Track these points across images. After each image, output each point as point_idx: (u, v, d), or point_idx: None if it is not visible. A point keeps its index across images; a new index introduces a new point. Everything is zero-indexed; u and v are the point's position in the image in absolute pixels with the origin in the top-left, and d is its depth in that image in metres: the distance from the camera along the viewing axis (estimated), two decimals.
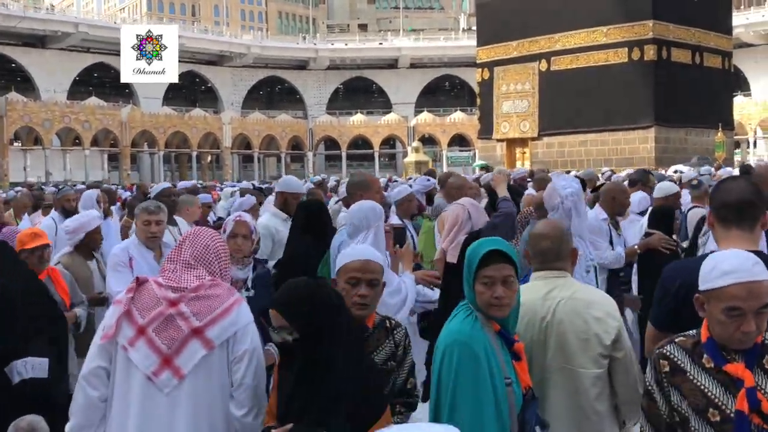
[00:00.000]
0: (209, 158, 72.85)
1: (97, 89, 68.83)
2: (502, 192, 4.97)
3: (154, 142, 64.95)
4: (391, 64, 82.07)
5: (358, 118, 76.70)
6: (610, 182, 7.86)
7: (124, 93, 70.71)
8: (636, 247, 5.79)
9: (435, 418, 2.62)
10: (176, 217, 7.08)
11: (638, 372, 3.05)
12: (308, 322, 2.50)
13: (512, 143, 39.23)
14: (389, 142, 78.26)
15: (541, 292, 3.07)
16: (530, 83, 38.05)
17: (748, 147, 65.21)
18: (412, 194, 6.81)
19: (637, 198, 7.51)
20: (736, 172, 12.79)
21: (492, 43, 39.87)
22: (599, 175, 14.92)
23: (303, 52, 79.70)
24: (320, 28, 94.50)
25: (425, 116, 76.32)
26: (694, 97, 34.53)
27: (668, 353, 2.34)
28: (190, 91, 78.91)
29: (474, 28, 52.84)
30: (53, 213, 7.95)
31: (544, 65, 37.37)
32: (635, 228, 7.02)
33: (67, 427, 2.83)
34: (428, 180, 8.40)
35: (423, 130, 74.27)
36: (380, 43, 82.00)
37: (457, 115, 75.39)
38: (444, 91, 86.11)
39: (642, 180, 9.02)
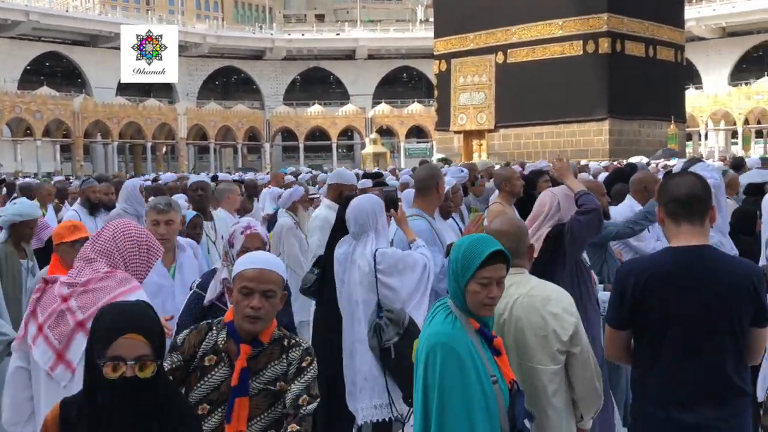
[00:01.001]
0: (164, 149, 71.88)
1: (48, 79, 67.33)
2: (577, 185, 4.43)
3: (108, 133, 63.83)
4: (349, 55, 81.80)
5: (316, 109, 76.35)
6: (642, 171, 7.32)
7: (77, 83, 69.36)
8: None
9: (424, 421, 2.61)
10: (219, 209, 6.92)
11: (595, 366, 3.08)
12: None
13: (469, 135, 39.44)
14: (347, 133, 78.06)
15: None
16: (487, 75, 38.26)
17: (700, 139, 66.51)
18: (456, 185, 6.45)
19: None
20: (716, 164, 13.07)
21: (449, 35, 39.99)
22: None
23: (259, 42, 78.97)
24: (277, 18, 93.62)
25: (383, 108, 76.28)
26: (648, 89, 35.09)
27: None
28: None
29: (431, 19, 52.92)
30: (76, 205, 7.89)
31: (500, 57, 37.61)
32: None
33: (2, 420, 3.01)
34: (462, 171, 8.08)
35: (381, 121, 74.22)
36: (337, 34, 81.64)
37: (415, 107, 75.50)
38: (402, 82, 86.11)
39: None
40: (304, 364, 2.68)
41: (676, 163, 13.50)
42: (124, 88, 71.27)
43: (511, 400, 2.61)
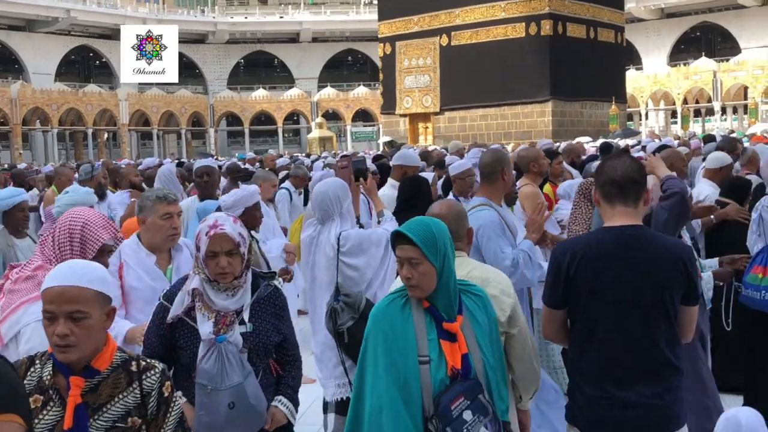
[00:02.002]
0: (105, 136, 70.40)
1: None
2: (664, 170, 4.21)
3: (47, 120, 62.18)
4: (293, 38, 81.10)
5: (261, 93, 75.57)
6: (669, 149, 7.11)
7: (14, 68, 67.38)
8: (712, 217, 5.65)
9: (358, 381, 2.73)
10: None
11: (533, 346, 3.13)
12: None
13: (415, 118, 39.54)
14: (293, 117, 77.49)
15: None
16: (431, 58, 38.34)
17: (641, 119, 67.78)
18: (471, 169, 6.34)
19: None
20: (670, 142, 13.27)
21: (394, 17, 39.93)
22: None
23: (202, 26, 77.75)
24: (219, 2, 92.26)
25: (328, 91, 75.87)
26: (589, 71, 35.60)
27: None
28: (83, 66, 75.88)
29: (376, 2, 52.79)
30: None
31: (444, 40, 37.70)
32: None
33: None
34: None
35: (327, 105, 73.86)
36: (281, 17, 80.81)
37: (361, 90, 75.28)
38: (347, 65, 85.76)
39: (728, 147, 8.46)
40: (166, 394, 2.27)
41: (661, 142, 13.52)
42: (63, 74, 69.53)
43: (445, 387, 2.60)
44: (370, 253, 4.26)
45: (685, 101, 65.53)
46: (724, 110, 64.74)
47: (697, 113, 67.89)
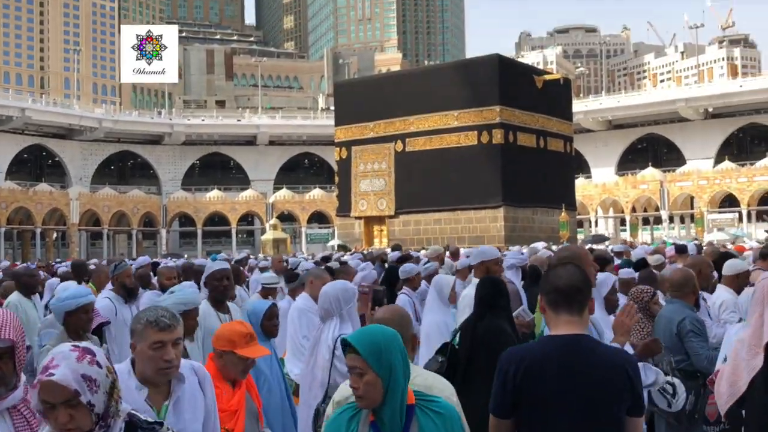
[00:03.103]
0: (54, 235, 69.27)
1: None
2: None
3: None
4: (250, 141, 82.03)
5: (215, 194, 75.65)
6: (696, 256, 7.09)
7: None
8: None
9: None
10: (301, 295, 6.32)
11: None
12: None
13: (370, 221, 39.69)
14: (247, 218, 77.51)
15: None
16: (387, 163, 38.85)
17: (590, 226, 69.18)
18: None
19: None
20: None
21: (349, 123, 40.62)
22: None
23: (158, 127, 78.29)
24: (176, 103, 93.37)
25: (284, 193, 76.36)
26: (540, 178, 36.36)
27: None
28: (35, 165, 75.41)
29: (333, 108, 53.75)
30: (108, 291, 7.06)
31: (399, 146, 38.34)
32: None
33: None
34: (522, 253, 7.96)
35: (282, 206, 74.15)
36: (238, 120, 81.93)
37: (316, 192, 75.92)
38: (303, 168, 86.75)
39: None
40: None
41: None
42: (14, 172, 68.86)
43: None
44: None
45: (633, 209, 67.28)
46: (671, 219, 66.54)
47: (646, 221, 69.60)
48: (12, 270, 12.72)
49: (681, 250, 11.33)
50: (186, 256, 34.53)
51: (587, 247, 16.84)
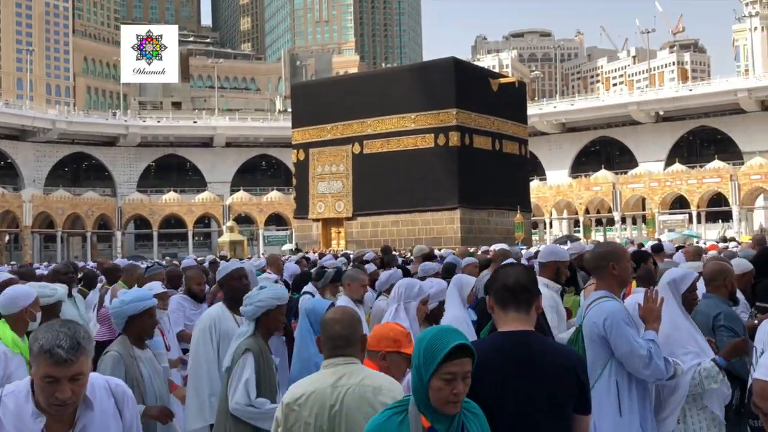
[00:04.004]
0: (6, 238, 67.97)
1: None
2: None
3: None
4: (206, 143, 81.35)
5: (171, 196, 74.92)
6: (717, 263, 6.85)
7: None
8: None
9: None
10: (340, 296, 6.25)
11: None
12: None
13: (328, 223, 39.75)
14: (204, 220, 76.89)
15: (330, 381, 3.07)
16: (344, 165, 38.96)
17: (545, 227, 70.14)
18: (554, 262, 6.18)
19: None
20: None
21: (307, 125, 40.61)
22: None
23: (113, 128, 77.20)
24: (132, 105, 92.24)
25: (241, 195, 75.92)
26: (495, 180, 36.80)
27: None
28: None
29: (290, 109, 53.64)
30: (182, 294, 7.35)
31: (357, 148, 38.47)
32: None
33: None
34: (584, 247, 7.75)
35: (239, 209, 73.73)
36: (195, 122, 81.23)
37: (274, 195, 75.65)
38: (260, 170, 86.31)
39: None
40: None
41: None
42: None
43: None
44: None
45: (586, 211, 68.38)
46: (623, 220, 67.77)
47: (599, 222, 70.79)
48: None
49: (657, 249, 11.18)
50: (148, 259, 34.26)
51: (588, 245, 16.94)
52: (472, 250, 16.32)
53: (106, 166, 79.39)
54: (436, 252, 14.83)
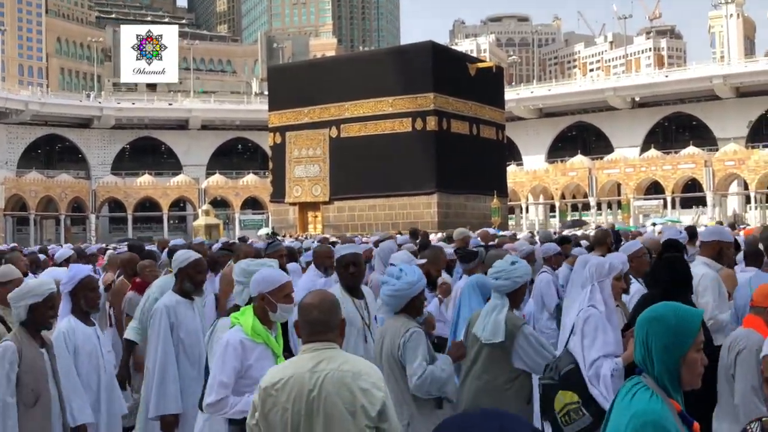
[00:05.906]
0: None
1: None
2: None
3: None
4: (182, 125, 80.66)
5: (146, 179, 74.28)
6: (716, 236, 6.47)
7: None
8: None
9: None
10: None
11: None
12: None
13: (304, 207, 39.62)
14: (179, 204, 76.36)
15: (308, 365, 3.03)
16: (321, 149, 38.81)
17: (522, 212, 70.47)
18: (643, 248, 6.19)
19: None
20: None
21: (284, 108, 40.38)
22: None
23: (86, 110, 76.24)
24: (106, 86, 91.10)
25: (217, 178, 75.46)
26: (472, 165, 36.86)
27: None
28: None
29: (267, 92, 53.25)
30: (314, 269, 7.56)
31: (334, 132, 38.33)
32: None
33: None
34: (681, 233, 7.70)
35: (215, 192, 73.30)
36: (170, 104, 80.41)
37: (250, 178, 75.27)
38: (237, 153, 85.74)
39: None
40: None
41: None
42: None
43: None
44: None
45: (563, 196, 68.79)
46: (599, 205, 68.25)
47: (575, 208, 71.23)
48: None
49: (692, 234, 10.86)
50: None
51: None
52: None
53: (79, 149, 78.49)
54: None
